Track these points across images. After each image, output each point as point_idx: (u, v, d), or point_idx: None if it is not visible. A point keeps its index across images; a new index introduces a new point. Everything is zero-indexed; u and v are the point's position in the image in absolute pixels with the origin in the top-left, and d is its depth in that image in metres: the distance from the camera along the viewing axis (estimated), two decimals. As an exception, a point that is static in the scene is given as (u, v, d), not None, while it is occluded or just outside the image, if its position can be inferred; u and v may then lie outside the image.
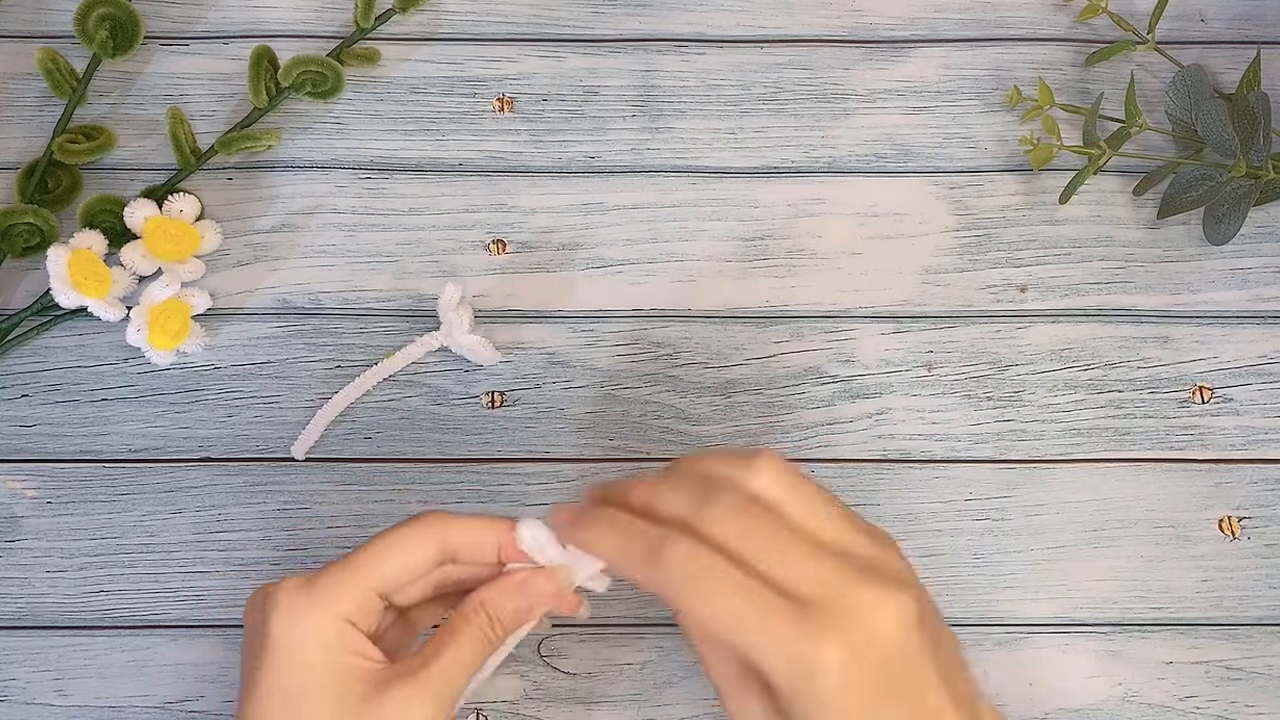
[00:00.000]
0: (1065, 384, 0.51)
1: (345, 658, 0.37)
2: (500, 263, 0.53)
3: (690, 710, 0.47)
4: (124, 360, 0.51)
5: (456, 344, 0.50)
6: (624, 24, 0.57)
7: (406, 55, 0.56)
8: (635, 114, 0.56)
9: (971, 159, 0.55)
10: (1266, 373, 0.52)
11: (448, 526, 0.39)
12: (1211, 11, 0.59)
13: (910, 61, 0.57)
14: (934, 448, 0.50)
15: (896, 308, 0.53)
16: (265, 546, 0.48)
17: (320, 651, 0.37)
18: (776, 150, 0.55)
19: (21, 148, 0.54)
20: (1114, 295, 0.53)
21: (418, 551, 0.39)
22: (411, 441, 0.50)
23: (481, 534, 0.40)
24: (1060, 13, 0.58)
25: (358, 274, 0.53)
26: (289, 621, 0.37)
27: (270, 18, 0.57)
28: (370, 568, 0.38)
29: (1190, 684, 0.47)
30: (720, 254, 0.53)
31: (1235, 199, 0.52)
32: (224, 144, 0.53)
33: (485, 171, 0.55)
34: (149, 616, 0.48)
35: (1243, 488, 0.50)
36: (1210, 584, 0.49)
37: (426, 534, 0.39)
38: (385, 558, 0.38)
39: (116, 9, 0.53)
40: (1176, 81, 0.55)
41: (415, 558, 0.39)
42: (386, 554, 0.38)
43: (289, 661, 0.37)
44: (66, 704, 0.46)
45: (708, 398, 0.51)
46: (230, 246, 0.53)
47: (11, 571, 0.48)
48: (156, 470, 0.49)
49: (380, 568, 0.38)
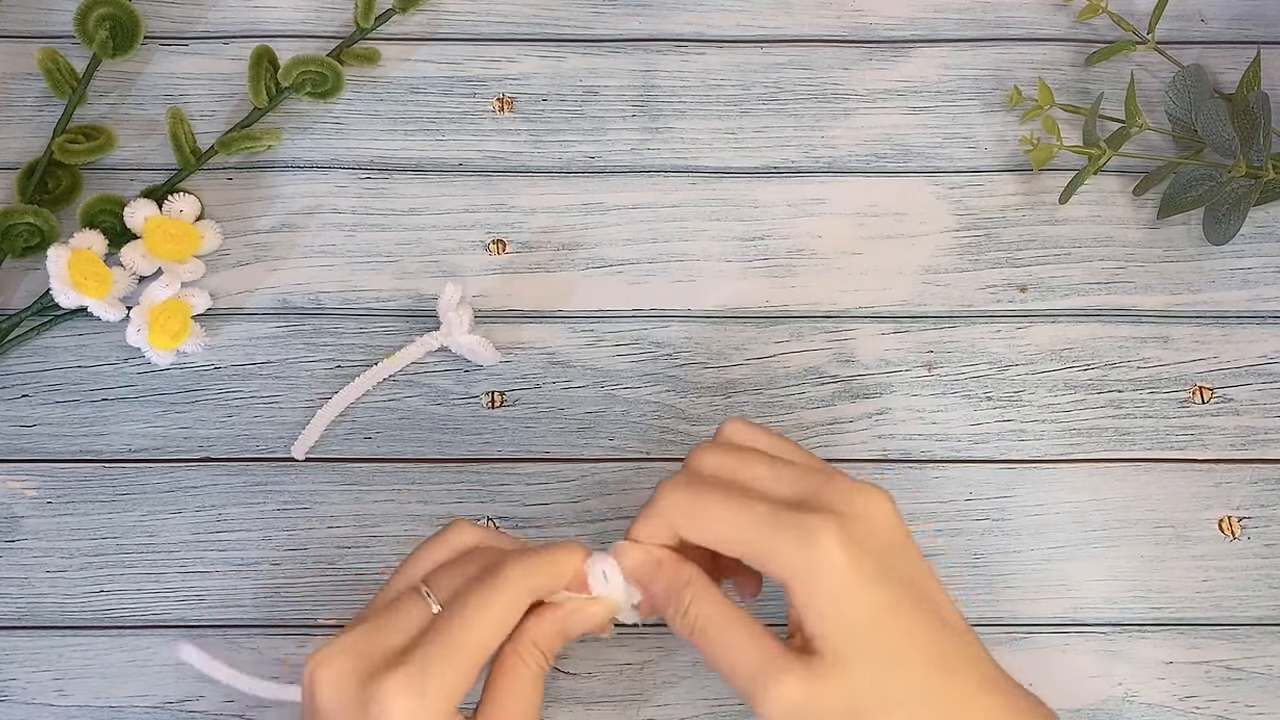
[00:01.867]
0: (1065, 384, 0.51)
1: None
2: (500, 263, 0.53)
3: (690, 710, 0.47)
4: (124, 360, 0.51)
5: (456, 344, 0.50)
6: (624, 24, 0.57)
7: (406, 55, 0.56)
8: (635, 114, 0.56)
9: (971, 159, 0.55)
10: (1266, 373, 0.52)
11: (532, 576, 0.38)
12: (1211, 11, 0.59)
13: (910, 61, 0.57)
14: (934, 448, 0.50)
15: (896, 308, 0.53)
16: (265, 546, 0.48)
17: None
18: (776, 150, 0.55)
19: (21, 148, 0.54)
20: (1114, 295, 0.53)
21: (512, 612, 0.38)
22: (411, 441, 0.50)
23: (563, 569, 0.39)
24: (1060, 13, 0.58)
25: (358, 274, 0.53)
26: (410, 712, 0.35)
27: (270, 18, 0.57)
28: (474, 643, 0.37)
29: (1190, 684, 0.47)
30: (720, 254, 0.53)
31: (1235, 199, 0.52)
32: (224, 144, 0.53)
33: (485, 171, 0.55)
34: (149, 616, 0.48)
35: (1242, 488, 0.50)
36: (1210, 584, 0.49)
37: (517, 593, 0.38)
38: (485, 629, 0.37)
39: (116, 9, 0.53)
40: (1176, 81, 0.55)
41: (510, 618, 0.38)
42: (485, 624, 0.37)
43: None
44: (66, 704, 0.46)
45: (708, 398, 0.51)
46: (230, 246, 0.53)
47: (11, 571, 0.48)
48: (156, 470, 0.49)
49: (483, 639, 0.37)
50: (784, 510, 0.38)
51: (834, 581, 0.36)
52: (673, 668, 0.47)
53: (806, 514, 0.37)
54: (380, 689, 0.36)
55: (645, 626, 0.47)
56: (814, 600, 0.37)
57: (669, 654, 0.47)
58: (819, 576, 0.37)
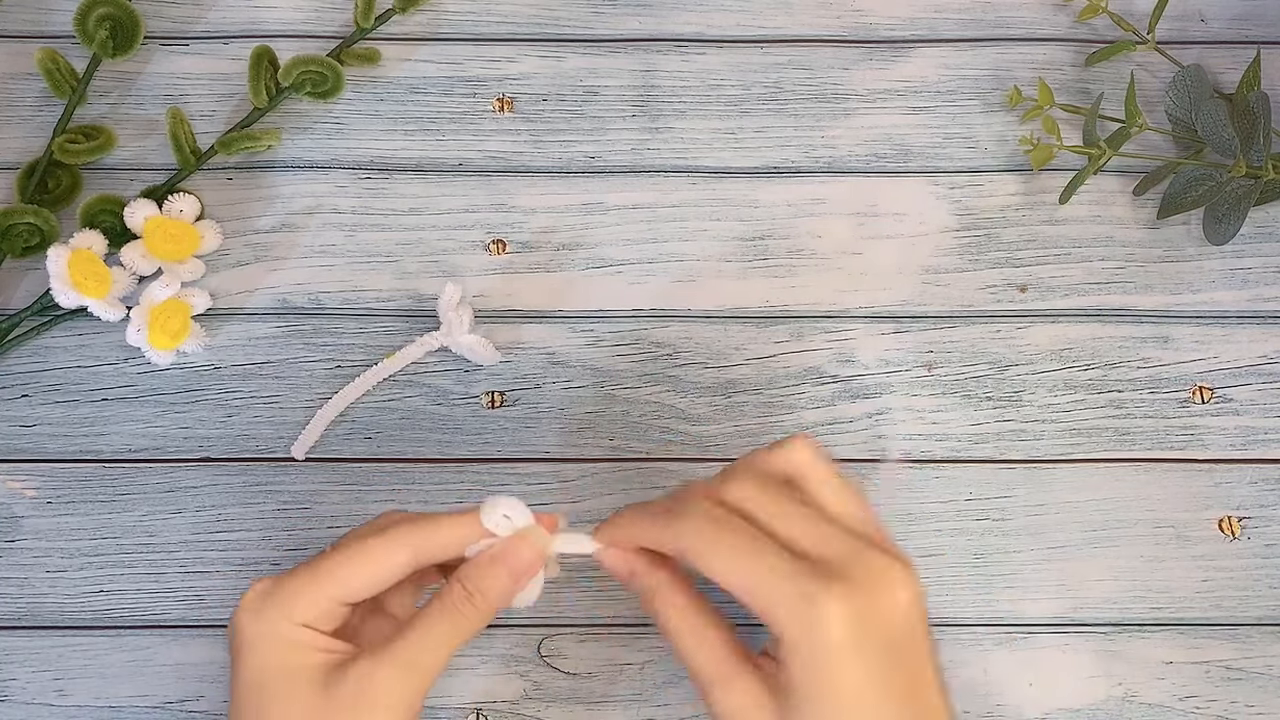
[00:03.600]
0: (1065, 384, 0.51)
1: (305, 655, 0.38)
2: (500, 263, 0.53)
3: (690, 710, 0.47)
4: (124, 360, 0.51)
5: (456, 344, 0.50)
6: (624, 24, 0.57)
7: (406, 55, 0.56)
8: (635, 114, 0.56)
9: (971, 159, 0.55)
10: (1266, 373, 0.52)
11: (418, 535, 0.39)
12: (1211, 11, 0.59)
13: (910, 61, 0.57)
14: (934, 448, 0.50)
15: (896, 308, 0.53)
16: (265, 546, 0.48)
17: (277, 651, 0.38)
18: (776, 150, 0.55)
19: (21, 148, 0.54)
20: (1114, 295, 0.53)
21: (388, 563, 0.39)
22: (411, 441, 0.50)
23: (452, 535, 0.40)
24: (1060, 13, 0.58)
25: (358, 274, 0.53)
26: (251, 623, 0.38)
27: (270, 18, 0.57)
28: (334, 578, 0.38)
29: (1190, 684, 0.47)
30: (720, 254, 0.53)
31: (1235, 199, 0.52)
32: (224, 144, 0.53)
33: (485, 171, 0.55)
34: (149, 616, 0.48)
35: (1242, 488, 0.50)
36: (1210, 584, 0.49)
37: (397, 547, 0.39)
38: (353, 569, 0.38)
39: (116, 9, 0.53)
40: (1176, 81, 0.55)
41: (385, 570, 0.39)
42: (354, 565, 0.38)
43: (253, 660, 0.38)
44: (66, 704, 0.46)
45: (708, 398, 0.51)
46: (230, 246, 0.53)
47: (11, 571, 0.48)
48: (156, 470, 0.49)
49: (347, 579, 0.38)
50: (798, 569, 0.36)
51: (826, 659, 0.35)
52: (673, 668, 0.47)
53: (819, 579, 0.36)
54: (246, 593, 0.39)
55: (646, 626, 0.47)
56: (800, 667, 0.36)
57: (669, 654, 0.47)
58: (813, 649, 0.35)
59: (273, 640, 0.38)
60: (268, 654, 0.38)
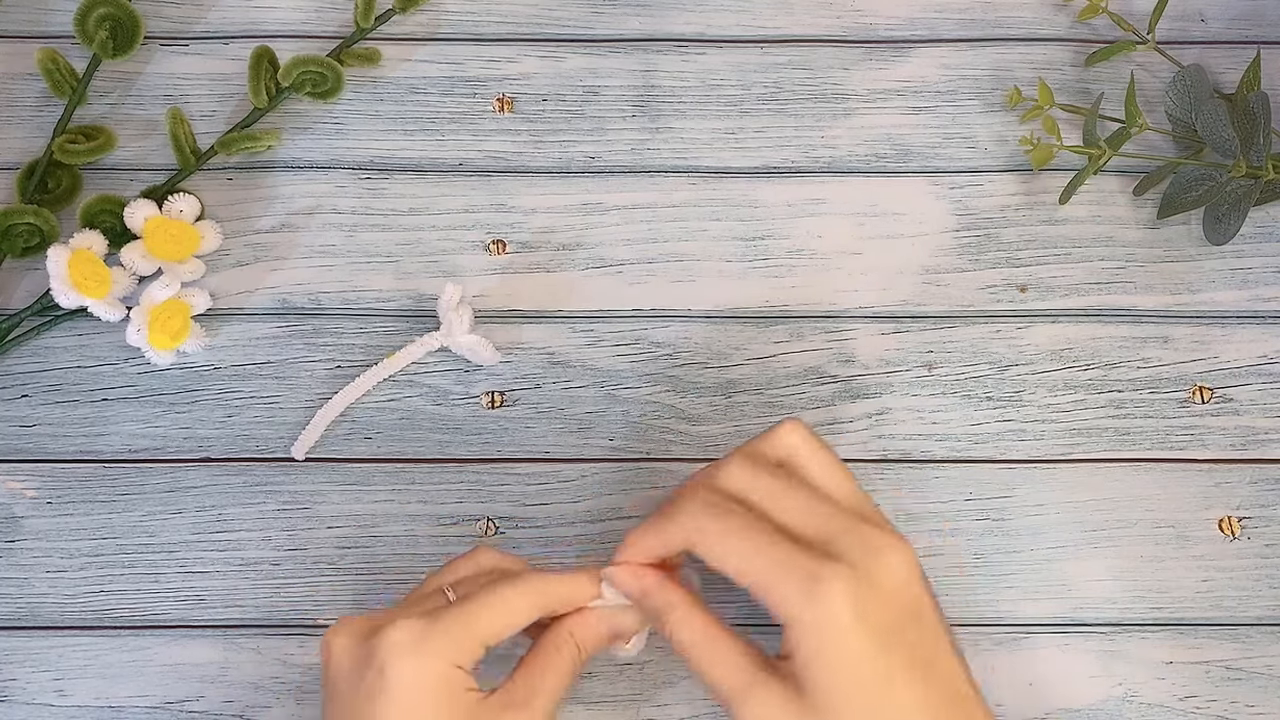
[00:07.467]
0: (1065, 384, 0.51)
1: (460, 696, 0.39)
2: (500, 263, 0.53)
3: (690, 710, 0.47)
4: (124, 360, 0.51)
5: (456, 344, 0.50)
6: (624, 24, 0.57)
7: (406, 55, 0.56)
8: (635, 114, 0.56)
9: (971, 159, 0.55)
10: (1266, 373, 0.52)
11: (545, 590, 0.41)
12: (1211, 11, 0.59)
13: (910, 61, 0.57)
14: (934, 448, 0.50)
15: (896, 308, 0.53)
16: (265, 546, 0.48)
17: (438, 693, 0.38)
18: (776, 150, 0.55)
19: (21, 148, 0.54)
20: (1114, 295, 0.53)
21: (521, 612, 0.41)
22: (411, 441, 0.50)
23: (575, 593, 0.42)
24: (1060, 13, 0.58)
25: (358, 274, 0.53)
26: (409, 664, 0.38)
27: (270, 18, 0.57)
28: (482, 625, 0.40)
29: (1190, 684, 0.47)
30: (720, 254, 0.53)
31: (1235, 199, 0.52)
32: (224, 144, 0.53)
33: (485, 171, 0.55)
34: (149, 616, 0.48)
35: (1243, 488, 0.50)
36: (1210, 584, 0.49)
37: (528, 598, 0.41)
38: (495, 616, 0.40)
39: (116, 9, 0.53)
40: (1176, 81, 0.55)
41: (518, 618, 0.41)
42: (496, 613, 0.40)
43: (407, 698, 0.38)
44: (66, 704, 0.46)
45: (708, 398, 0.51)
46: (230, 246, 0.53)
47: (11, 571, 0.48)
48: (156, 470, 0.49)
49: (491, 624, 0.40)
50: (799, 552, 0.37)
51: (834, 637, 0.36)
52: (673, 668, 0.47)
53: (820, 560, 0.37)
54: (381, 640, 0.38)
55: (645, 626, 0.47)
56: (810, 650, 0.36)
57: (669, 654, 0.47)
58: (821, 629, 0.36)
59: (434, 679, 0.38)
60: (425, 692, 0.38)
